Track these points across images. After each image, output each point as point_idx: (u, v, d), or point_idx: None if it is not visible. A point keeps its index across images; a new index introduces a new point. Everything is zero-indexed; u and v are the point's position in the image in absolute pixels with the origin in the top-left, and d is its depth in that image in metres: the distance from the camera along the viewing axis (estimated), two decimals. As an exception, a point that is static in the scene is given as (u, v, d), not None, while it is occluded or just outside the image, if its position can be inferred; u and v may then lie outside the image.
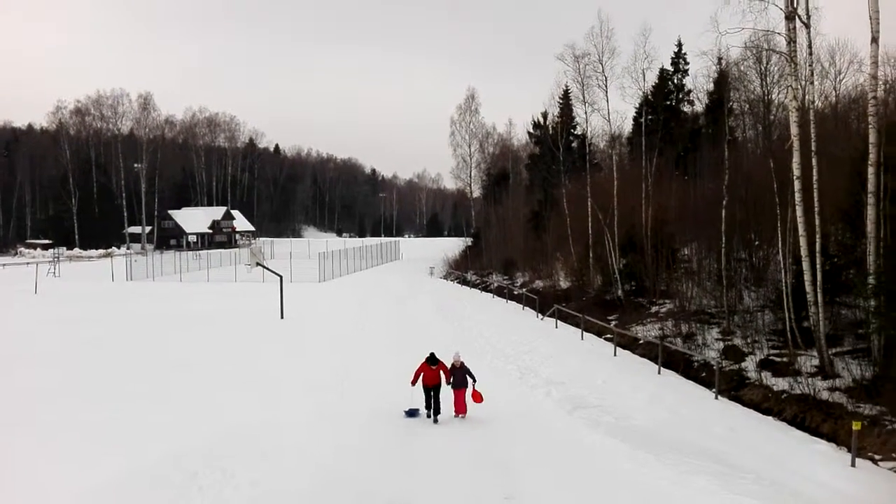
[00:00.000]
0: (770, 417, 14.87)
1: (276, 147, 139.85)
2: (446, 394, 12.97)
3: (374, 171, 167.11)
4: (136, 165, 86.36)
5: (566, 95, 46.61)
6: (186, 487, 9.07)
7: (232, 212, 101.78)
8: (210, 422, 12.39)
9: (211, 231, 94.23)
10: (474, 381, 13.00)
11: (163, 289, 41.79)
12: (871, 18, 15.91)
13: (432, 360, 13.04)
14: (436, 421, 12.78)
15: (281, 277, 30.33)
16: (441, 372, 12.95)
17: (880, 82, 18.05)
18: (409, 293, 39.10)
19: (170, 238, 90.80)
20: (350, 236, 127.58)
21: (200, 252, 72.01)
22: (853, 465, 11.50)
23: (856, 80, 34.08)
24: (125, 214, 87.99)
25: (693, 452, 10.87)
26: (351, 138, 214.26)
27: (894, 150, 16.11)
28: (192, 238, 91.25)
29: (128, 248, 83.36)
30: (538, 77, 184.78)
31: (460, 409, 13.10)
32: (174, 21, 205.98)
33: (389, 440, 11.65)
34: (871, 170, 15.73)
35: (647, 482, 9.23)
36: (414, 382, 13.06)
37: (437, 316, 29.23)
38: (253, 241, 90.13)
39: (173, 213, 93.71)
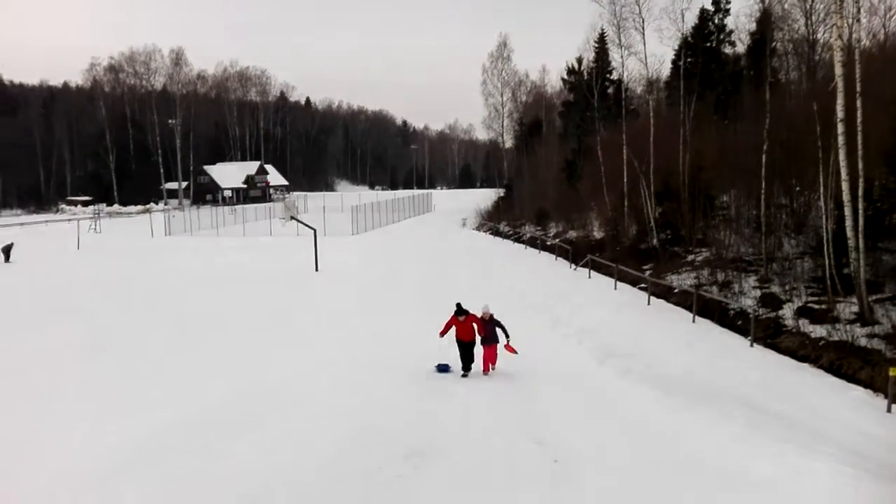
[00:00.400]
0: (806, 364, 14.70)
1: (308, 100, 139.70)
2: (479, 349, 12.69)
3: (405, 122, 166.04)
4: (170, 121, 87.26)
5: (602, 39, 45.23)
6: (222, 436, 9.37)
7: (266, 166, 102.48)
8: (246, 375, 12.67)
9: (245, 186, 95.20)
10: (507, 335, 12.62)
11: (201, 243, 42.67)
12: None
13: (460, 310, 12.66)
14: (465, 375, 12.56)
15: (315, 231, 30.65)
16: (474, 324, 12.57)
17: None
18: (442, 245, 39.25)
19: (206, 193, 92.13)
20: (382, 189, 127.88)
21: (236, 207, 73.06)
22: (889, 410, 11.35)
23: (908, 16, 32.35)
24: (161, 171, 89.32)
25: (726, 399, 10.84)
26: (381, 90, 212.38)
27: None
28: (228, 193, 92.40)
29: (165, 204, 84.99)
30: (574, 21, 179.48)
31: (488, 364, 12.79)
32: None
33: (421, 390, 11.74)
34: (920, 110, 15.06)
35: (678, 428, 9.25)
36: (443, 334, 12.77)
37: (469, 268, 29.33)
38: (286, 195, 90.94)
39: (208, 168, 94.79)
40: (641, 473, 7.63)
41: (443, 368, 12.95)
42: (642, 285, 23.32)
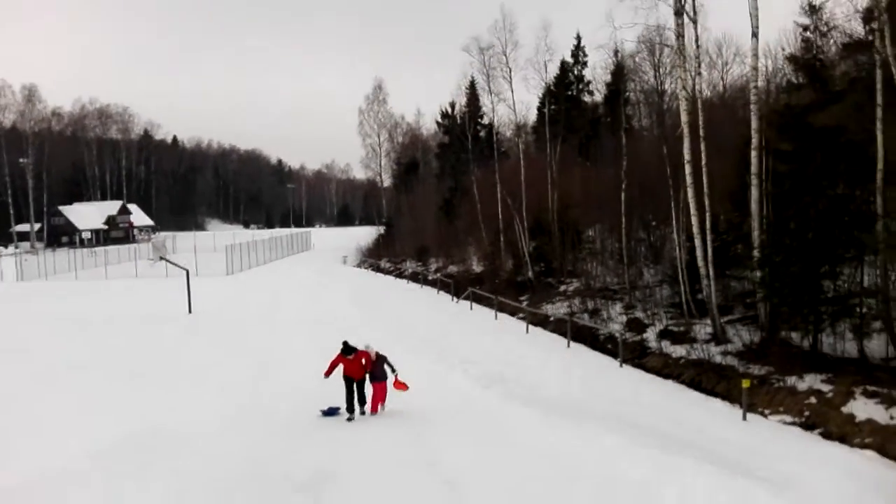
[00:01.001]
0: (670, 381, 16.08)
1: (175, 138, 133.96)
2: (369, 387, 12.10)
3: (280, 161, 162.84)
4: (21, 160, 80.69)
5: (472, 86, 47.51)
6: (107, 481, 8.90)
7: (129, 206, 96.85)
8: (119, 423, 11.80)
9: (107, 227, 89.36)
10: (394, 371, 12.26)
11: (58, 288, 39.53)
12: (751, 15, 17.35)
13: (347, 349, 11.85)
14: (351, 418, 11.87)
15: (187, 271, 29.45)
16: (363, 360, 11.95)
17: (760, 73, 19.69)
18: (323, 282, 38.86)
19: (61, 235, 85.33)
20: (258, 227, 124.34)
21: (96, 248, 68.33)
22: (744, 418, 12.71)
23: (741, 70, 36.65)
24: (11, 212, 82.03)
25: (601, 416, 11.70)
26: (254, 129, 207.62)
27: (773, 135, 17.67)
28: (87, 234, 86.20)
29: (16, 248, 77.90)
30: (446, 66, 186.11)
31: (377, 403, 12.27)
32: (54, 8, 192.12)
33: (310, 434, 11.35)
34: (753, 153, 17.16)
35: (559, 444, 9.89)
36: (328, 374, 11.98)
37: (353, 303, 29.28)
38: (154, 235, 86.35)
39: (64, 209, 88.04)
40: (529, 484, 8.12)
41: (330, 412, 12.19)
42: (521, 315, 24.42)
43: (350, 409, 11.99)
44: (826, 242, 15.34)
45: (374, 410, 12.29)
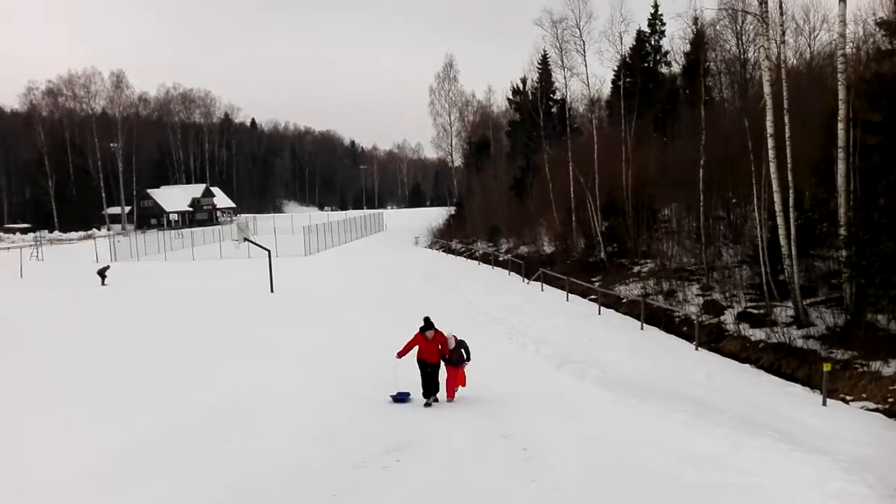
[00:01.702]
0: (748, 365, 15.66)
1: (253, 121, 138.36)
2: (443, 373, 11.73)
3: (353, 142, 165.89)
4: (111, 145, 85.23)
5: (545, 60, 46.76)
6: (199, 446, 9.55)
7: (211, 189, 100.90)
8: (209, 394, 12.70)
9: (191, 209, 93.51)
10: (468, 359, 11.74)
11: (149, 268, 41.87)
12: (839, -23, 16.36)
13: (428, 325, 11.28)
14: (429, 404, 11.35)
15: (269, 251, 30.62)
16: (440, 345, 11.40)
17: (849, 40, 18.57)
18: (396, 262, 39.58)
19: (150, 217, 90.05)
20: (332, 209, 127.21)
21: (183, 230, 71.74)
22: (824, 404, 12.28)
23: (829, 36, 34.61)
24: (103, 195, 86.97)
25: (674, 397, 11.57)
26: (328, 110, 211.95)
27: (862, 106, 16.70)
28: (173, 216, 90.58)
29: (108, 230, 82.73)
30: (517, 43, 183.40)
31: (453, 389, 11.75)
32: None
33: (383, 411, 11.60)
34: (840, 125, 16.29)
35: (631, 420, 9.93)
36: (402, 354, 11.35)
37: (425, 283, 29.76)
38: (236, 217, 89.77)
39: (152, 192, 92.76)
40: (601, 451, 8.24)
41: (401, 397, 11.63)
42: (592, 296, 24.18)
43: (428, 392, 11.46)
44: (919, 220, 14.49)
45: (450, 396, 11.79)
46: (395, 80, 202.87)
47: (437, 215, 64.03)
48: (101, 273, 33.76)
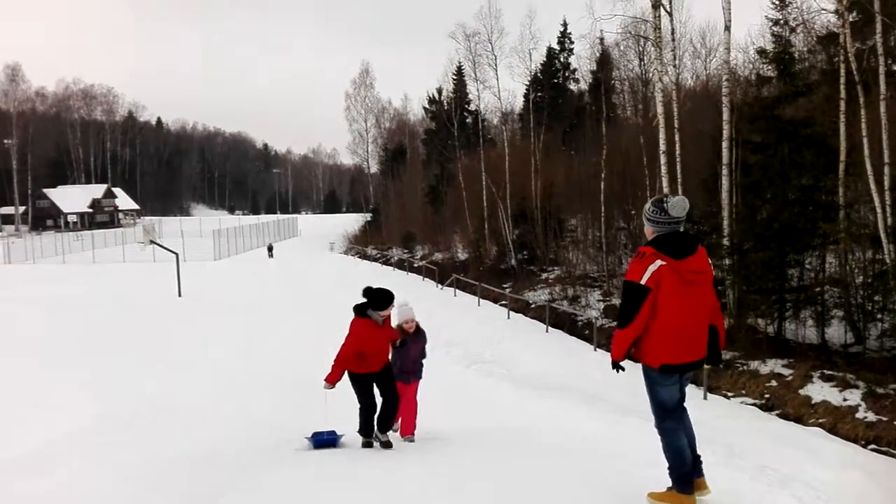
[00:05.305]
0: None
1: (159, 120, 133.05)
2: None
3: (266, 145, 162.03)
4: (5, 141, 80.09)
5: (460, 72, 47.90)
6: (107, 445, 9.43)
7: (114, 189, 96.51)
8: (101, 402, 12.03)
9: (91, 210, 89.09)
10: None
11: (46, 272, 39.77)
12: (723, 9, 18.00)
13: (378, 300, 6.62)
14: (382, 441, 6.75)
15: (177, 255, 29.90)
16: (393, 341, 6.91)
17: (734, 65, 20.37)
18: (311, 268, 39.38)
19: (46, 218, 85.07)
20: (243, 213, 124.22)
21: (82, 232, 68.29)
22: (705, 398, 13.52)
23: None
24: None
25: (573, 392, 12.43)
26: (240, 112, 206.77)
27: (745, 127, 18.39)
28: (72, 218, 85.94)
29: (0, 231, 77.61)
30: (433, 52, 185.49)
31: (409, 424, 7.33)
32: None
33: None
34: (724, 144, 17.86)
35: (529, 409, 10.66)
36: (335, 378, 6.48)
37: (341, 289, 29.81)
38: (139, 220, 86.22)
39: (49, 191, 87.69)
40: (493, 435, 8.81)
41: (327, 440, 6.86)
42: (503, 302, 25.09)
43: (368, 430, 6.76)
44: (792, 232, 16.11)
45: (407, 432, 7.31)
46: (310, 85, 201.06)
47: (352, 221, 63.93)
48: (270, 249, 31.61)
